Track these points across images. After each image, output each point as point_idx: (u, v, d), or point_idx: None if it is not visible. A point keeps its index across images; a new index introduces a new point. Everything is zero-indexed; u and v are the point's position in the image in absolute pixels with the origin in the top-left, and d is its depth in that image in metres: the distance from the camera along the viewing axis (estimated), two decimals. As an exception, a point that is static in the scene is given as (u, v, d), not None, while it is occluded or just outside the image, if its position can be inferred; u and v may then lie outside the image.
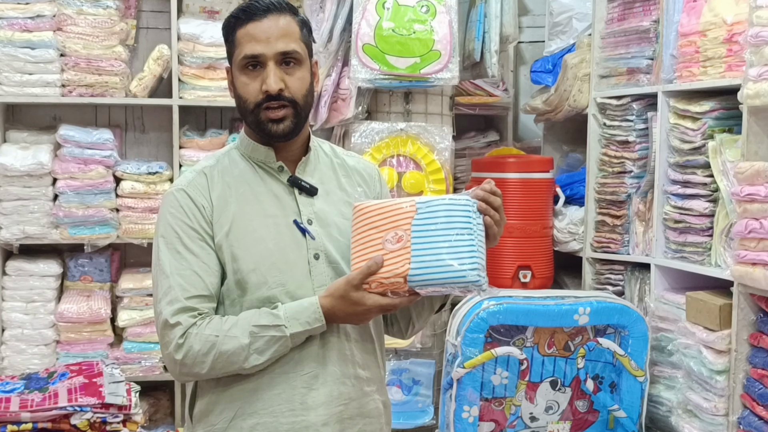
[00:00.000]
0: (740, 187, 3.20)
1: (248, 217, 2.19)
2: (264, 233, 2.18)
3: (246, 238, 2.17)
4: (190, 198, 2.17)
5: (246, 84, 2.17)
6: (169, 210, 2.18)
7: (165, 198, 2.21)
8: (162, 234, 2.17)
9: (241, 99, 2.19)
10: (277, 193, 2.24)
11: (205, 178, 2.22)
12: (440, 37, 3.88)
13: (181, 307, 2.10)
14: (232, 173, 2.23)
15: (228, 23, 2.20)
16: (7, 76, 4.50)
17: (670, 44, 3.87)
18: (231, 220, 2.17)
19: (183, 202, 2.17)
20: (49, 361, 4.55)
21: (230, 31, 2.20)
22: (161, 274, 2.14)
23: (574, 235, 4.53)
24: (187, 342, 2.09)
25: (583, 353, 3.73)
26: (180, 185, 2.21)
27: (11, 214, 4.52)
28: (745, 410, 3.32)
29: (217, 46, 4.66)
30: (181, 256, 2.13)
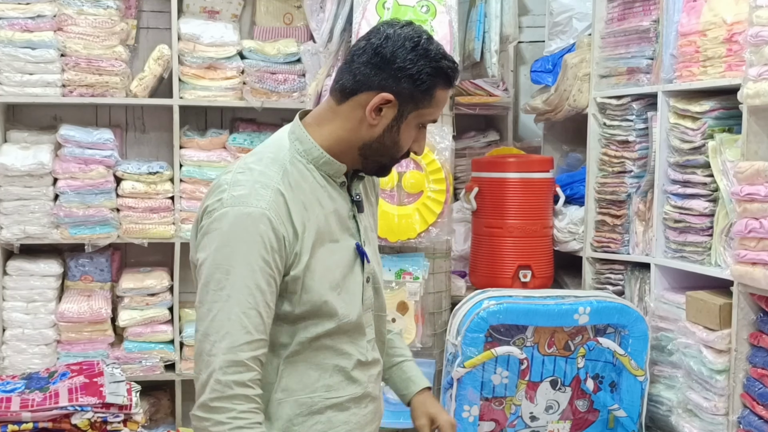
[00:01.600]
0: (740, 187, 3.20)
1: (320, 242, 2.02)
2: (331, 262, 2.05)
3: (318, 269, 2.01)
4: (272, 228, 1.93)
5: (411, 138, 2.08)
6: (243, 236, 1.91)
7: (241, 218, 1.92)
8: (238, 259, 1.91)
9: (397, 146, 2.07)
10: (341, 213, 2.09)
11: (283, 199, 1.97)
12: (440, 36, 3.88)
13: (233, 361, 1.89)
14: (303, 189, 2.02)
15: (434, 73, 2.01)
16: (7, 76, 4.50)
17: (670, 44, 3.87)
18: (310, 250, 1.99)
19: (263, 232, 1.92)
20: (50, 360, 4.55)
21: (433, 84, 2.02)
22: (225, 306, 1.90)
23: (574, 235, 4.53)
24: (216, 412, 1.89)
25: (583, 353, 3.73)
26: (260, 207, 1.93)
27: (12, 213, 4.52)
28: (745, 410, 3.32)
29: (217, 46, 4.66)
30: (250, 293, 1.90)
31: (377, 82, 1.99)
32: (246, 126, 4.93)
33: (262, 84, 4.74)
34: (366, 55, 2.00)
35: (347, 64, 2.05)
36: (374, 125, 2.02)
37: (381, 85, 1.99)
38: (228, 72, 4.73)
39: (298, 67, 4.79)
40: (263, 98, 4.75)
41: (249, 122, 4.97)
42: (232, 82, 4.73)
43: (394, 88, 1.99)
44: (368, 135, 2.04)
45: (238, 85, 4.75)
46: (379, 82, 1.99)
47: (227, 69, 4.72)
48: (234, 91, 4.75)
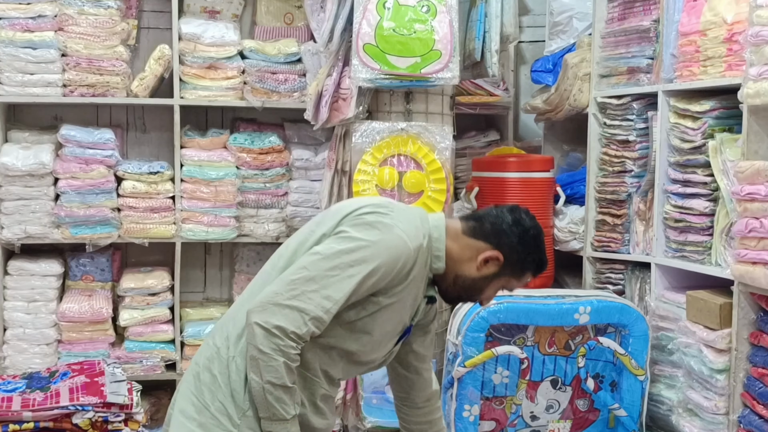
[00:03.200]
0: (740, 186, 3.21)
1: (404, 301, 2.41)
2: (397, 319, 2.44)
3: (388, 314, 2.39)
4: (405, 264, 2.33)
5: (492, 295, 2.55)
6: (396, 251, 2.31)
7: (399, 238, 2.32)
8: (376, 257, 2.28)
9: (481, 293, 2.52)
10: (417, 299, 2.47)
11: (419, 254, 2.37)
12: (441, 36, 3.88)
13: (319, 317, 2.25)
14: (420, 263, 2.39)
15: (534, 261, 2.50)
16: (8, 76, 4.50)
17: (670, 44, 3.87)
18: (400, 297, 2.38)
19: (402, 260, 2.32)
20: (51, 360, 4.56)
21: (528, 266, 2.51)
22: (345, 280, 2.26)
23: (575, 235, 4.53)
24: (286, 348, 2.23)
25: (583, 352, 3.73)
26: (413, 245, 2.34)
27: (13, 213, 4.52)
28: (746, 409, 3.32)
29: (218, 46, 4.67)
30: (361, 286, 2.28)
31: (497, 242, 2.44)
32: (247, 126, 4.94)
33: (263, 84, 4.74)
34: (505, 223, 2.46)
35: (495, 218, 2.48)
36: (478, 269, 2.45)
37: (500, 247, 2.44)
38: (229, 72, 4.73)
39: (299, 67, 4.79)
40: (264, 98, 4.75)
41: (250, 122, 4.97)
42: (233, 82, 4.73)
43: (507, 255, 2.45)
44: (470, 273, 2.46)
45: (238, 84, 4.75)
46: (497, 243, 2.44)
47: (228, 69, 4.72)
48: (235, 91, 4.75)
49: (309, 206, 4.79)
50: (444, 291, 2.52)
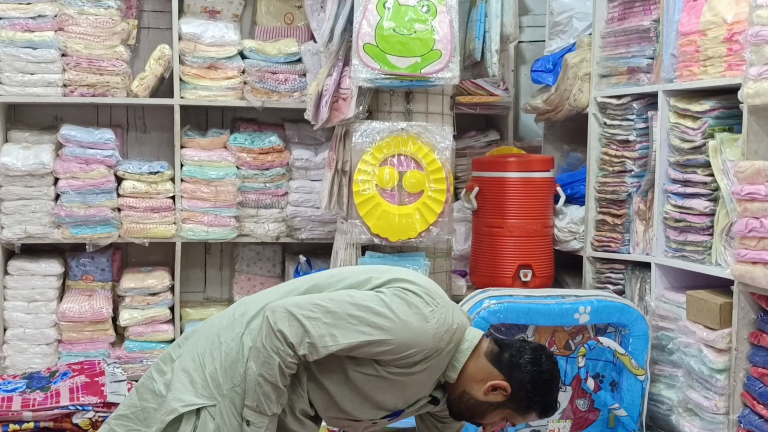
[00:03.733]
0: (740, 186, 3.21)
1: (391, 383, 2.51)
2: (378, 395, 2.54)
3: (369, 384, 2.51)
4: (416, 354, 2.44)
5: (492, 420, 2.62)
6: (413, 338, 2.44)
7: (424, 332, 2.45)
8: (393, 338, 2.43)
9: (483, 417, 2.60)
10: (419, 392, 2.59)
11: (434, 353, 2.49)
12: (441, 36, 3.88)
13: (317, 350, 2.40)
14: (433, 363, 2.52)
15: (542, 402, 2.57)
16: (8, 75, 4.50)
17: (670, 43, 3.87)
18: (387, 377, 2.49)
19: (416, 350, 2.44)
20: (51, 360, 4.56)
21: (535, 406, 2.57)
22: (355, 334, 2.42)
23: (575, 234, 4.53)
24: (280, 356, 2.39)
25: (583, 352, 3.73)
26: (438, 344, 2.47)
27: (13, 213, 4.53)
28: (746, 409, 3.32)
29: (218, 46, 4.67)
30: (360, 345, 2.42)
31: (511, 375, 2.53)
32: (247, 126, 4.94)
33: (263, 84, 4.74)
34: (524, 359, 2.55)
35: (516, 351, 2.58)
36: (485, 393, 2.54)
37: (511, 379, 2.53)
38: (229, 72, 4.73)
39: (299, 67, 4.79)
40: (264, 98, 4.75)
41: (250, 122, 4.97)
42: (233, 82, 4.73)
43: (516, 390, 2.53)
44: (476, 394, 2.55)
45: (238, 84, 4.75)
46: (511, 376, 2.53)
47: (228, 69, 4.72)
48: (235, 91, 4.75)
49: (309, 206, 4.79)
50: (450, 402, 2.63)
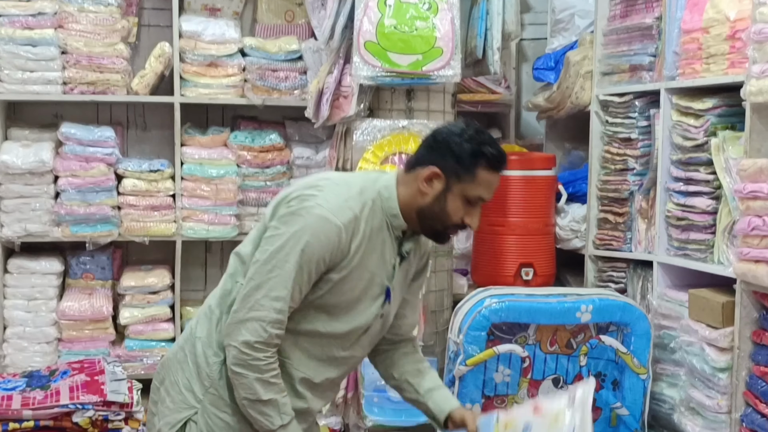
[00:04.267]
0: (743, 185, 3.19)
1: (362, 268, 2.42)
2: (362, 286, 2.44)
3: (348, 283, 2.42)
4: (339, 238, 2.35)
5: (458, 209, 2.44)
6: (320, 236, 2.33)
7: (322, 220, 2.34)
8: (302, 249, 2.32)
9: (445, 213, 2.44)
10: (386, 257, 2.48)
11: (355, 225, 2.39)
12: (442, 34, 3.87)
13: (278, 320, 2.34)
14: (372, 226, 2.43)
15: (475, 154, 2.40)
16: (8, 73, 4.50)
17: (672, 41, 3.86)
18: (352, 267, 2.40)
19: (333, 241, 2.34)
20: (51, 358, 4.55)
21: (474, 161, 2.40)
22: (281, 278, 2.33)
23: (577, 233, 4.52)
24: (258, 354, 2.34)
25: (585, 351, 3.72)
26: (338, 222, 2.35)
27: (13, 211, 4.52)
28: (748, 407, 3.31)
29: (218, 44, 4.66)
30: (301, 273, 2.33)
31: (430, 158, 2.42)
32: (247, 123, 4.93)
33: (264, 81, 4.73)
34: (427, 140, 2.48)
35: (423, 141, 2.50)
36: (426, 194, 2.42)
37: (432, 161, 2.41)
38: (229, 69, 4.72)
39: (300, 65, 4.79)
40: (264, 96, 4.74)
41: (250, 120, 4.97)
42: (234, 80, 4.73)
43: (442, 164, 2.40)
44: (423, 202, 2.43)
45: (239, 82, 4.75)
46: (431, 159, 2.42)
47: (228, 66, 4.72)
48: (235, 89, 4.75)
49: (310, 204, 4.78)
50: (425, 233, 2.53)
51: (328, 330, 2.46)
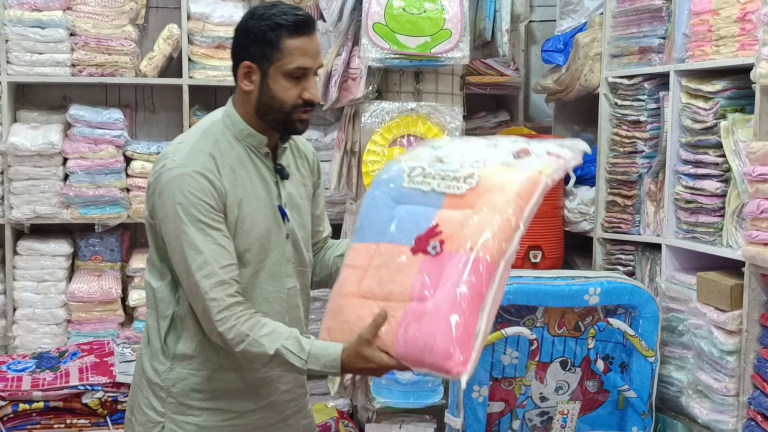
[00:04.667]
0: (752, 167, 3.19)
1: (248, 201, 2.38)
2: (258, 216, 2.39)
3: (246, 221, 2.37)
4: (207, 179, 2.30)
5: (287, 89, 2.36)
6: (188, 189, 2.29)
7: (178, 178, 2.30)
8: (185, 213, 2.28)
9: (276, 99, 2.36)
10: (264, 177, 2.43)
11: (214, 162, 2.34)
12: (451, 16, 3.86)
13: (218, 281, 2.27)
14: (231, 156, 2.38)
15: (272, 28, 2.33)
16: (17, 55, 4.49)
17: (682, 23, 3.84)
18: (238, 204, 2.35)
19: (202, 183, 2.29)
20: (61, 340, 4.57)
21: (276, 37, 2.33)
22: (193, 250, 2.27)
23: (585, 216, 4.52)
24: (225, 324, 2.27)
25: (593, 333, 3.72)
26: (192, 166, 2.31)
27: (22, 193, 4.53)
28: (756, 390, 3.31)
29: (227, 25, 4.64)
30: (207, 233, 2.28)
31: (240, 56, 2.38)
32: (256, 105, 4.92)
33: (272, 64, 4.72)
34: (232, 42, 2.43)
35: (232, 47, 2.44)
36: (251, 91, 2.38)
37: (241, 57, 2.37)
38: (237, 51, 4.71)
39: (308, 47, 4.76)
40: (273, 78, 4.73)
41: (259, 102, 4.96)
42: (242, 62, 4.71)
43: (249, 54, 2.35)
44: (254, 99, 2.38)
45: (247, 64, 4.73)
46: (239, 55, 2.38)
47: (237, 48, 4.70)
48: (244, 71, 4.74)
49: (318, 186, 4.78)
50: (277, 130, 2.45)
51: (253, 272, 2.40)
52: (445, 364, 2.05)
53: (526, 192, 2.19)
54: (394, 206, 2.31)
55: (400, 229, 2.25)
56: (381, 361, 2.16)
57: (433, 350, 2.06)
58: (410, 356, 2.12)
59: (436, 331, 2.07)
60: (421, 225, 2.23)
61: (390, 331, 2.15)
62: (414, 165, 2.35)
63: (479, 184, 2.23)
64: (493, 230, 2.14)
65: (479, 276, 2.10)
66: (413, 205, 2.29)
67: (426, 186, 2.29)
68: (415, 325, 2.11)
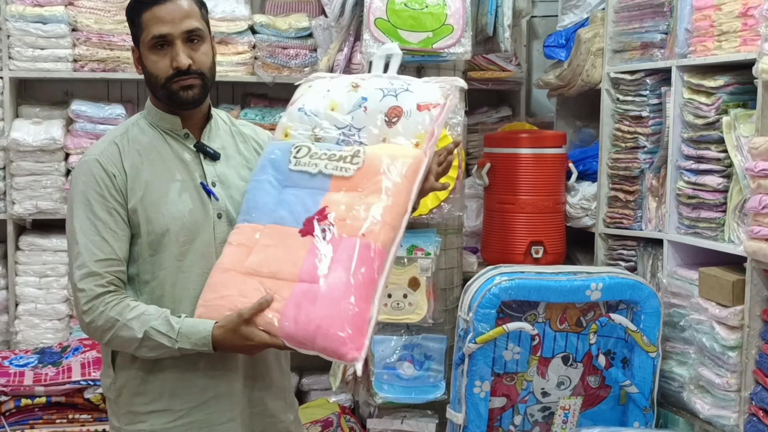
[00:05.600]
0: (754, 163, 3.18)
1: (159, 182, 2.36)
2: (174, 196, 2.36)
3: (159, 202, 2.34)
4: (102, 167, 2.32)
5: (156, 62, 2.36)
6: (81, 179, 2.33)
7: (78, 167, 2.37)
8: (75, 201, 2.31)
9: (152, 75, 2.37)
10: (184, 159, 2.42)
11: (117, 148, 2.37)
12: (453, 11, 3.86)
13: (87, 272, 2.26)
14: (141, 142, 2.40)
15: (132, 7, 2.38)
16: (18, 51, 4.50)
17: (684, 18, 3.84)
18: (144, 186, 2.34)
19: (95, 171, 2.32)
20: (63, 335, 4.57)
21: (135, 14, 2.36)
22: (72, 239, 2.30)
23: (587, 211, 4.52)
24: (93, 313, 2.25)
25: (595, 329, 3.73)
26: (93, 155, 2.35)
27: (24, 189, 4.53)
28: (758, 386, 3.31)
29: (228, 21, 4.65)
30: (91, 223, 2.29)
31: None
32: (257, 101, 4.92)
33: (274, 59, 4.72)
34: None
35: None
36: (142, 74, 2.41)
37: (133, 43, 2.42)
38: (239, 47, 4.71)
39: (310, 42, 4.77)
40: (275, 73, 4.73)
41: (260, 97, 4.96)
42: (244, 57, 4.72)
43: (133, 41, 2.41)
44: (146, 82, 2.41)
45: (249, 60, 4.74)
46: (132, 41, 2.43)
47: (238, 44, 4.71)
48: (245, 66, 4.74)
49: (320, 182, 4.78)
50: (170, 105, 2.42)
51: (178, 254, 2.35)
52: (340, 349, 2.08)
53: (410, 173, 2.27)
54: (281, 189, 2.34)
55: (288, 212, 2.28)
56: (261, 340, 2.17)
57: (328, 335, 2.08)
58: (299, 337, 2.13)
59: (330, 316, 2.09)
60: (310, 208, 2.27)
61: (275, 310, 2.16)
62: (299, 144, 2.38)
63: (365, 164, 2.28)
64: (384, 216, 2.19)
65: (371, 262, 2.15)
66: (301, 188, 2.32)
67: (313, 168, 2.33)
68: (306, 306, 2.12)
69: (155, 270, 2.35)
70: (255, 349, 2.23)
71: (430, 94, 2.38)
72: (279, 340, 2.17)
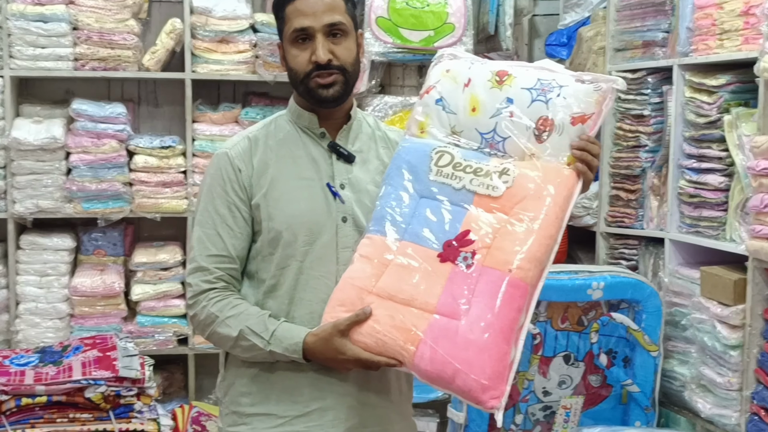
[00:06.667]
0: (756, 162, 3.18)
1: (285, 178, 2.32)
2: (298, 194, 2.31)
3: (282, 199, 2.30)
4: (230, 161, 2.33)
5: (296, 56, 2.30)
6: (210, 171, 2.36)
7: (211, 159, 2.39)
8: (201, 193, 2.37)
9: (293, 70, 2.33)
10: (315, 157, 2.36)
11: (249, 143, 2.36)
12: (454, 10, 3.86)
13: (197, 267, 2.30)
14: (277, 137, 2.38)
15: (277, 1, 2.34)
16: (19, 49, 4.49)
17: (686, 17, 3.83)
18: (269, 181, 2.31)
19: (222, 165, 2.33)
20: (63, 334, 4.57)
21: (280, 8, 2.33)
22: (195, 229, 2.35)
23: (588, 210, 4.51)
24: (197, 307, 2.29)
25: (596, 328, 3.72)
26: (225, 148, 2.37)
27: (25, 188, 4.52)
28: (759, 385, 3.31)
29: (230, 19, 4.64)
30: (210, 216, 2.31)
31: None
32: (259, 100, 4.92)
33: (275, 58, 4.71)
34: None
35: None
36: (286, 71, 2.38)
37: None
38: (240, 45, 4.70)
39: (311, 41, 4.76)
40: (276, 72, 4.73)
41: (262, 96, 4.95)
42: (245, 56, 4.71)
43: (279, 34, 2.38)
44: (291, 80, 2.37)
45: (250, 58, 4.73)
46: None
47: (240, 42, 4.70)
48: (247, 65, 4.73)
49: (321, 181, 4.77)
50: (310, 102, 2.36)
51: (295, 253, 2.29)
52: (480, 396, 1.95)
53: (563, 200, 2.07)
54: (418, 199, 2.17)
55: (426, 229, 2.12)
56: (354, 354, 2.08)
57: (467, 380, 1.95)
58: (433, 375, 1.99)
59: (470, 359, 1.95)
60: (450, 228, 2.10)
61: (410, 341, 2.01)
62: (440, 150, 2.21)
63: (514, 183, 2.09)
64: (534, 251, 2.03)
65: (516, 301, 2.01)
66: (440, 203, 2.14)
67: (457, 182, 2.14)
68: (444, 345, 1.97)
69: (274, 269, 2.30)
70: (348, 363, 2.13)
71: (584, 100, 2.13)
72: (376, 358, 2.06)
